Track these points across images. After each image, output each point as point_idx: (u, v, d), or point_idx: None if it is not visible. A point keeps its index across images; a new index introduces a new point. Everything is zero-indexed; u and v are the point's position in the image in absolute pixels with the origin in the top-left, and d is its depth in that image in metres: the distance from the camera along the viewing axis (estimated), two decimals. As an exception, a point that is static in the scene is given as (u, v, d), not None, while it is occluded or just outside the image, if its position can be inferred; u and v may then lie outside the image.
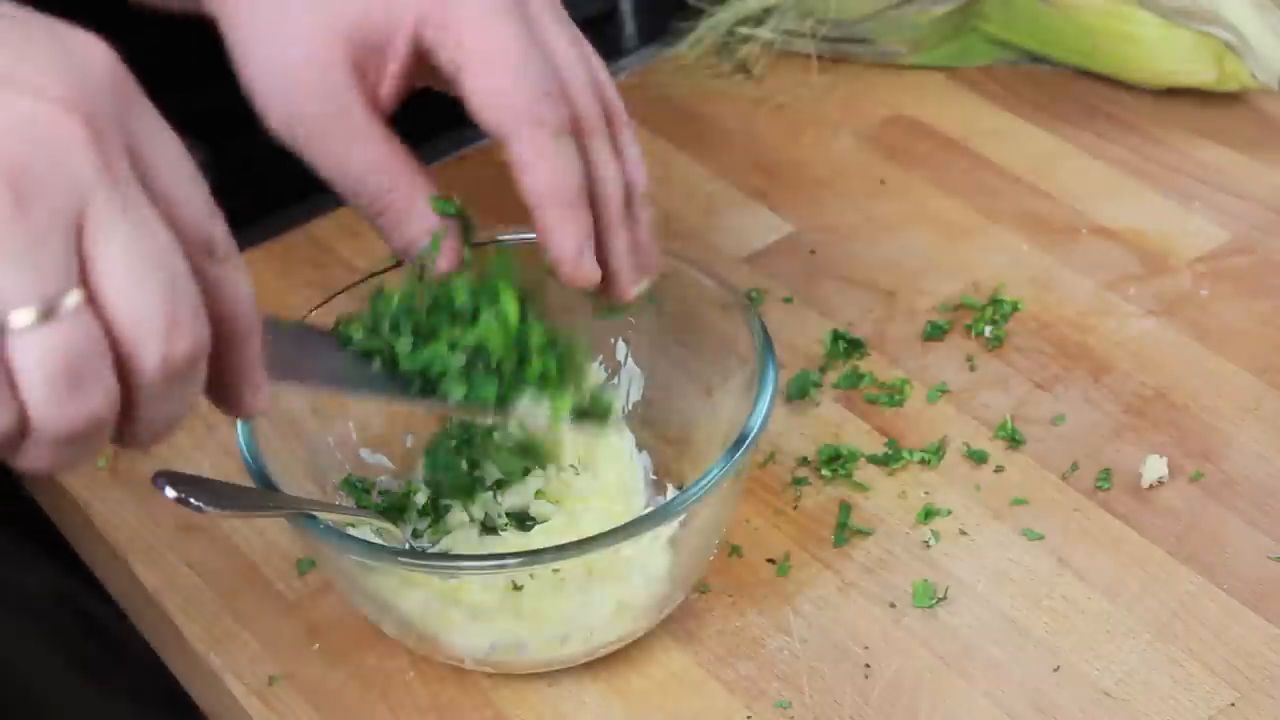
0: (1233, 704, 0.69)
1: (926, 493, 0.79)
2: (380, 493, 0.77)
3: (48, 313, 0.48)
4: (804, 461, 0.81)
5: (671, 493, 0.77)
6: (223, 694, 0.74)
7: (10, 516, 0.89)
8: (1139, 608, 0.73)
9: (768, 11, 1.06)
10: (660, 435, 0.78)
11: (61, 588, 0.90)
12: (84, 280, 0.49)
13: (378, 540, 0.72)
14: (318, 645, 0.74)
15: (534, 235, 0.71)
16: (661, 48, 1.09)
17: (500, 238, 0.77)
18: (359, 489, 0.76)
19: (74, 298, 0.48)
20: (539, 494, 0.76)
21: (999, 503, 0.78)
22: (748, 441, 0.68)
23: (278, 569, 0.78)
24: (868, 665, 0.72)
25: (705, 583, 0.75)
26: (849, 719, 0.70)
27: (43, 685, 0.87)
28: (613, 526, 0.67)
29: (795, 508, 0.79)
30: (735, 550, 0.77)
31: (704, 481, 0.67)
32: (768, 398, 0.70)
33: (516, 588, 0.68)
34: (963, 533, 0.77)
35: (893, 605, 0.74)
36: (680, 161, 1.00)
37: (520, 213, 0.98)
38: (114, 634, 0.87)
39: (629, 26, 1.14)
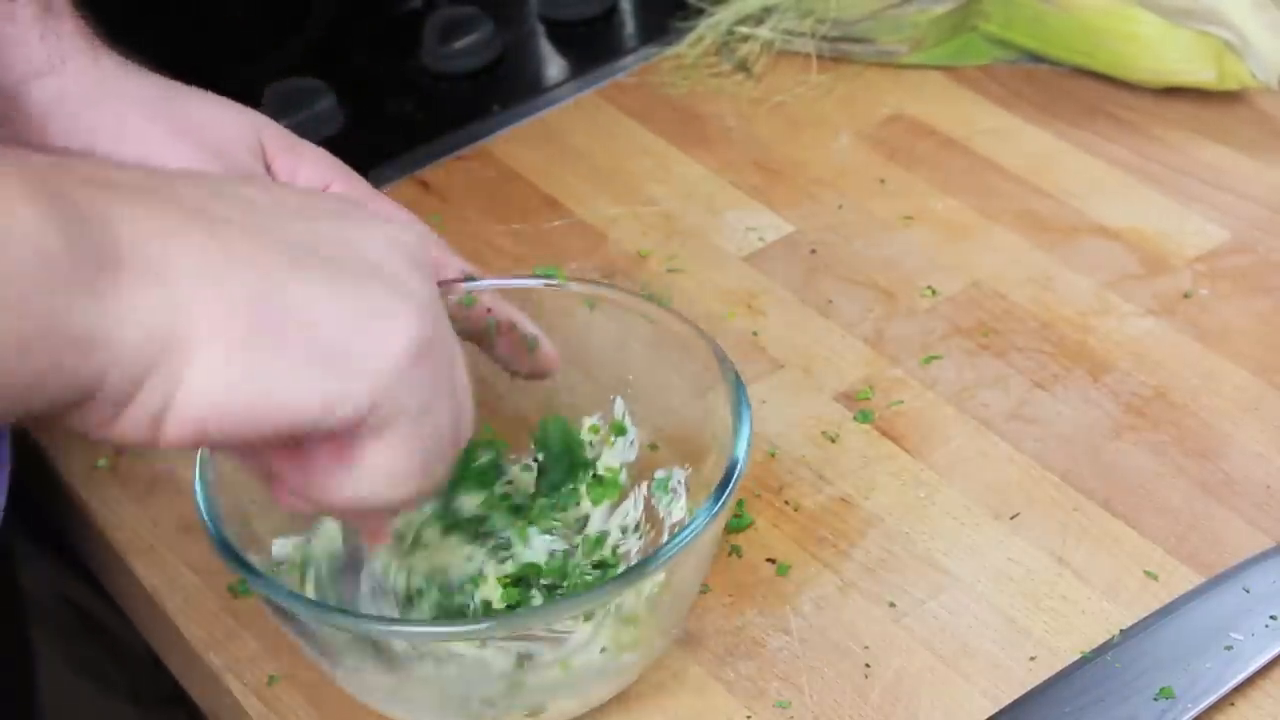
0: (1233, 704, 0.69)
1: (926, 492, 0.79)
2: None
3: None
4: (804, 461, 0.81)
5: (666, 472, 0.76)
6: (223, 694, 0.74)
7: (10, 516, 0.89)
8: (1139, 608, 0.73)
9: (767, 11, 1.06)
10: (660, 434, 0.78)
11: (61, 588, 0.90)
12: None
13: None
14: (318, 645, 0.74)
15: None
16: (661, 47, 1.09)
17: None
18: None
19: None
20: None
21: (999, 502, 0.78)
22: (726, 492, 0.66)
23: (278, 569, 0.78)
24: (868, 665, 0.72)
25: (705, 583, 0.75)
26: (849, 719, 0.70)
27: (43, 685, 0.87)
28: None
29: (795, 508, 0.79)
30: (735, 550, 0.77)
31: (685, 535, 0.65)
32: (744, 445, 0.68)
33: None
34: (963, 533, 0.77)
35: (893, 605, 0.74)
36: (680, 161, 1.00)
37: (516, 213, 0.98)
38: (114, 634, 0.87)
39: (629, 26, 1.14)
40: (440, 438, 0.55)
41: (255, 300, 0.50)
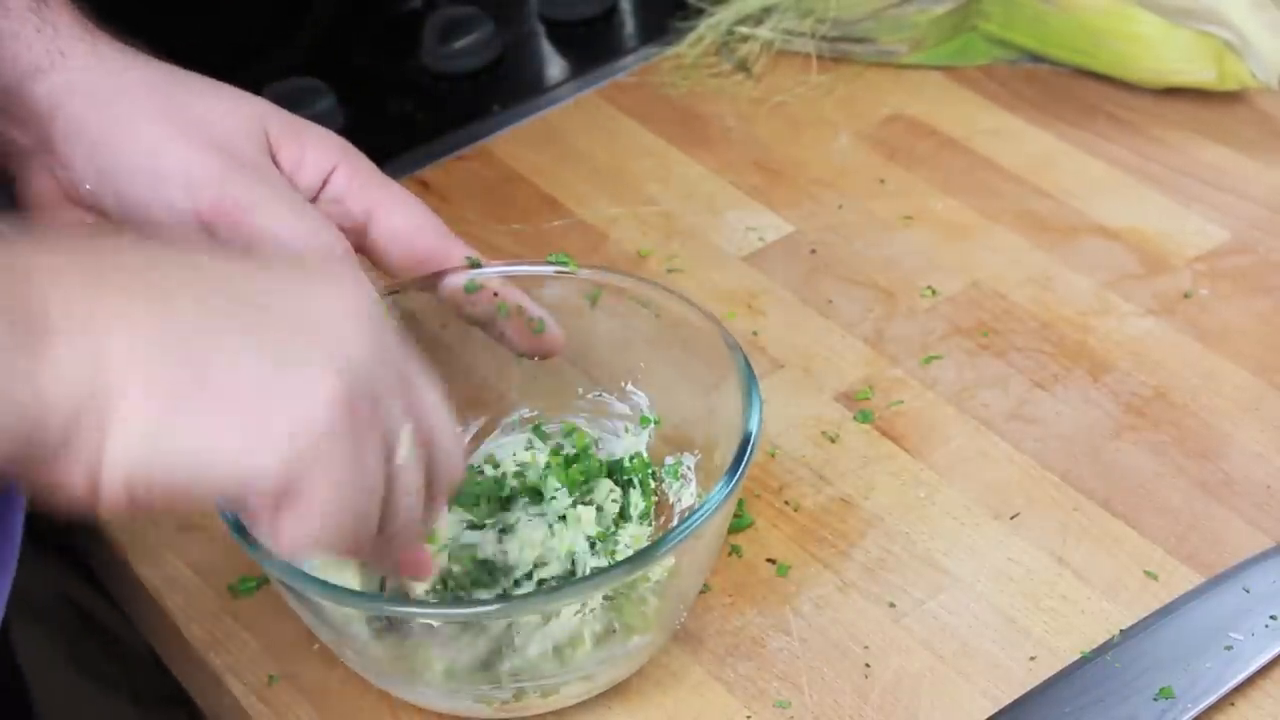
0: (1233, 704, 0.69)
1: (926, 492, 0.79)
2: None
3: (408, 444, 0.57)
4: (804, 461, 0.81)
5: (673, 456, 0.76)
6: (223, 694, 0.74)
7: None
8: (1139, 608, 0.73)
9: (767, 11, 1.06)
10: (660, 435, 0.78)
11: (61, 588, 0.90)
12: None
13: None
14: (317, 645, 0.74)
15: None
16: (661, 47, 1.08)
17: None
18: None
19: (409, 431, 0.57)
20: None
21: (999, 502, 0.78)
22: (741, 466, 0.67)
23: (278, 569, 0.78)
24: (868, 665, 0.72)
25: (705, 583, 0.75)
26: (849, 719, 0.70)
27: (43, 685, 0.87)
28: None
29: (795, 508, 0.79)
30: (735, 550, 0.77)
31: (702, 510, 0.66)
32: (755, 421, 0.69)
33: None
34: (963, 533, 0.77)
35: (893, 605, 0.74)
36: (680, 161, 1.00)
37: (516, 213, 0.98)
38: (114, 634, 0.87)
39: (629, 26, 1.14)
40: (372, 492, 0.56)
41: (178, 350, 0.50)
